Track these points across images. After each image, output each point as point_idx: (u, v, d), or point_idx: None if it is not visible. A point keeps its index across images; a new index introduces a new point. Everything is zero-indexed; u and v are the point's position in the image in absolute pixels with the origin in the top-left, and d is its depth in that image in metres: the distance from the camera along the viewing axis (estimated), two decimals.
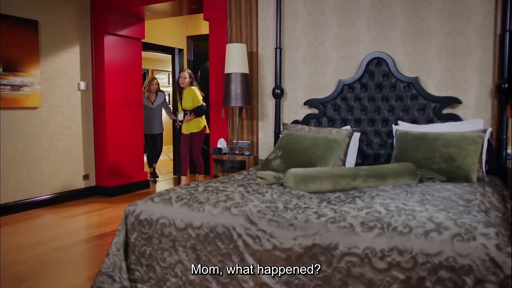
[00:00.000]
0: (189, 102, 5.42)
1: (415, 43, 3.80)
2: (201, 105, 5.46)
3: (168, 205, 2.56)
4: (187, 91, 5.43)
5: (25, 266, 3.19)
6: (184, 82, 5.38)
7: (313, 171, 2.86)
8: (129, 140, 6.01)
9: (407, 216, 2.03)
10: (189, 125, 5.48)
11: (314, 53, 4.22)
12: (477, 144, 3.06)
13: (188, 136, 5.51)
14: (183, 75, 5.40)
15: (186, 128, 5.53)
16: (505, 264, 1.72)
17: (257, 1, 4.45)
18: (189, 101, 5.42)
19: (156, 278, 2.55)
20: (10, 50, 4.72)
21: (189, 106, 5.42)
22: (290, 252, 2.12)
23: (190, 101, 5.42)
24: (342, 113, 4.03)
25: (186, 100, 5.43)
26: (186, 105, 5.43)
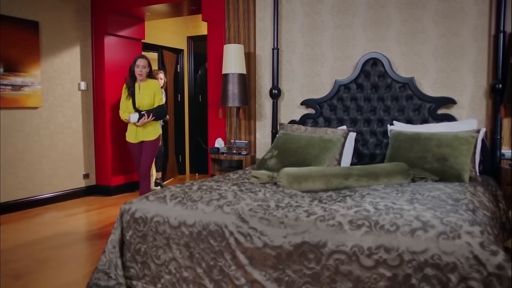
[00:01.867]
0: (147, 99, 4.27)
1: (410, 43, 3.83)
2: (163, 105, 4.41)
3: (163, 203, 2.60)
4: (145, 85, 4.28)
5: (23, 263, 3.24)
6: (143, 72, 4.21)
7: (306, 170, 2.89)
8: None
9: (394, 215, 2.06)
10: (142, 131, 4.30)
11: (311, 53, 4.25)
12: (470, 144, 3.09)
13: (137, 146, 4.35)
14: (141, 62, 4.20)
15: (135, 135, 4.31)
16: (488, 261, 1.75)
17: (254, 2, 4.49)
18: (148, 97, 4.27)
19: (150, 275, 2.59)
20: (11, 50, 4.77)
21: (146, 104, 4.27)
22: (280, 249, 2.16)
23: (149, 97, 4.28)
24: (338, 113, 4.07)
25: (143, 96, 4.26)
26: (143, 102, 4.27)
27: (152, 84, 4.31)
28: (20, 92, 4.90)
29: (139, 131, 4.29)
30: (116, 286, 2.62)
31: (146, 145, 4.32)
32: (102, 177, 5.86)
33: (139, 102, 4.26)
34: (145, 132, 4.30)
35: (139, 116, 4.18)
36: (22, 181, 5.02)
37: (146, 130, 4.30)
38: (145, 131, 4.30)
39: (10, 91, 4.79)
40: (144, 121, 4.21)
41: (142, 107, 4.26)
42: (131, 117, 4.19)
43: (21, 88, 4.90)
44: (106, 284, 2.64)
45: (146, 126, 4.29)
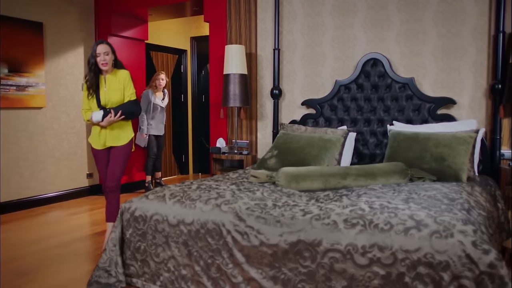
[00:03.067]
0: (116, 94, 3.44)
1: (410, 44, 3.84)
2: (136, 100, 3.56)
3: (162, 202, 2.64)
4: (111, 77, 3.46)
5: (25, 261, 3.29)
6: (107, 60, 3.39)
7: (304, 170, 2.92)
8: None
9: (389, 214, 2.08)
10: (109, 134, 3.47)
11: (312, 54, 4.28)
12: (468, 144, 3.10)
13: (104, 154, 3.54)
14: (103, 49, 3.37)
15: (100, 139, 3.49)
16: (480, 260, 1.77)
17: (256, 3, 4.52)
18: (117, 92, 3.45)
19: (150, 273, 2.63)
20: (16, 51, 4.84)
21: (115, 100, 3.44)
22: (276, 248, 2.19)
23: (118, 92, 3.46)
24: (339, 113, 4.09)
25: (111, 91, 3.44)
26: (111, 98, 3.43)
27: (120, 75, 3.48)
28: (25, 92, 4.96)
29: (105, 134, 3.46)
30: (117, 284, 2.66)
31: (114, 152, 3.49)
32: None
33: (106, 99, 3.43)
34: (112, 136, 3.47)
35: (104, 113, 3.35)
36: (26, 180, 5.08)
37: (113, 133, 3.47)
38: (112, 135, 3.46)
39: (14, 91, 4.85)
40: (110, 120, 3.36)
41: (110, 104, 3.43)
42: (94, 115, 3.37)
43: (25, 89, 4.96)
44: (107, 282, 2.68)
45: (113, 128, 3.46)
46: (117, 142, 3.50)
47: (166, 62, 7.13)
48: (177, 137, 7.39)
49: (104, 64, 3.40)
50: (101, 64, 3.39)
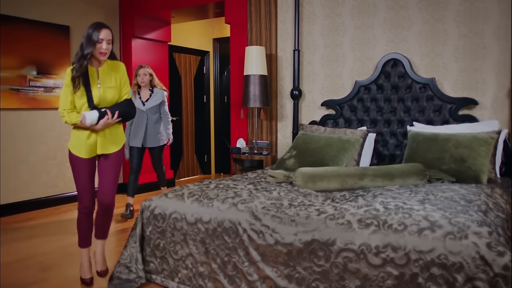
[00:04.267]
0: (112, 91, 2.81)
1: (431, 44, 3.80)
2: (131, 100, 2.94)
3: (181, 200, 2.70)
4: (105, 69, 2.81)
5: (51, 256, 3.41)
6: (109, 50, 2.74)
7: (322, 170, 2.94)
8: None
9: (403, 214, 2.08)
10: (102, 139, 2.82)
11: (331, 54, 4.28)
12: (489, 145, 3.06)
13: (90, 164, 2.85)
14: (108, 34, 2.71)
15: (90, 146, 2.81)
16: (494, 262, 1.76)
17: (276, 4, 4.55)
18: (113, 88, 2.82)
19: (168, 269, 2.69)
20: (44, 54, 5.01)
21: (110, 99, 2.81)
22: (291, 247, 2.22)
23: (114, 89, 2.83)
24: (359, 114, 4.08)
25: (105, 88, 2.78)
26: (106, 96, 2.79)
27: (117, 68, 2.86)
28: (52, 93, 5.13)
29: (95, 140, 2.79)
30: (137, 280, 2.74)
31: (107, 160, 2.86)
32: (127, 176, 6.03)
33: (100, 97, 2.75)
34: (105, 141, 2.81)
35: (99, 114, 2.70)
36: (53, 179, 5.25)
37: (106, 138, 2.82)
38: (104, 140, 2.81)
39: (42, 92, 5.03)
40: (107, 122, 2.74)
41: (104, 104, 2.78)
42: (88, 117, 2.66)
43: (52, 90, 5.13)
44: (127, 277, 2.76)
45: (105, 132, 2.81)
46: (110, 149, 2.84)
47: (188, 64, 7.24)
48: (200, 138, 7.49)
49: (103, 54, 2.71)
50: (100, 53, 2.69)
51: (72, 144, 2.84)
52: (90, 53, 2.66)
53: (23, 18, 4.84)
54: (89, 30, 2.69)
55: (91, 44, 2.66)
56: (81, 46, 2.69)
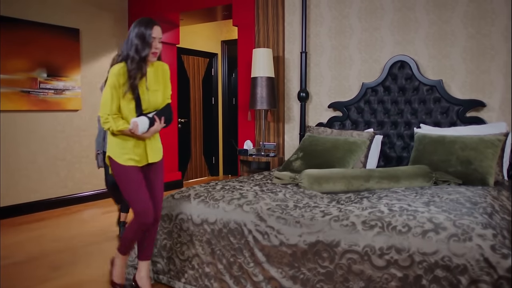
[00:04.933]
0: (158, 95, 2.55)
1: (439, 46, 3.79)
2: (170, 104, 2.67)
3: (187, 201, 2.73)
4: (151, 71, 2.55)
5: (60, 256, 3.46)
6: (159, 49, 2.49)
7: (327, 172, 2.95)
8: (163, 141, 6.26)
9: (407, 216, 2.09)
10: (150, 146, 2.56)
11: (339, 57, 4.29)
12: (496, 148, 3.04)
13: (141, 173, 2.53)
14: (159, 33, 2.48)
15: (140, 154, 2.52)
16: (499, 264, 1.76)
17: (283, 6, 4.57)
18: (158, 92, 2.56)
19: (175, 270, 2.72)
20: (54, 56, 5.08)
21: (157, 103, 2.55)
22: (295, 248, 2.23)
23: (159, 92, 2.57)
24: (365, 116, 4.08)
25: (152, 91, 2.52)
26: (156, 101, 2.54)
27: (162, 69, 2.62)
28: (62, 95, 5.19)
29: (144, 147, 2.53)
30: None
31: (156, 169, 2.61)
32: None
33: (149, 102, 2.50)
34: (153, 149, 2.58)
35: (150, 121, 2.45)
36: (63, 180, 5.31)
37: (153, 145, 2.58)
38: (152, 147, 2.57)
39: (52, 94, 5.10)
40: (157, 128, 2.50)
41: (151, 109, 2.53)
42: (141, 124, 2.40)
43: (62, 92, 5.20)
44: None
45: (150, 139, 2.56)
46: (158, 156, 2.61)
47: (197, 66, 7.28)
48: (208, 139, 7.52)
49: (155, 54, 2.47)
50: (152, 54, 2.45)
51: (117, 154, 2.46)
52: (147, 54, 2.41)
53: (34, 21, 4.92)
54: (139, 28, 2.40)
55: (147, 44, 2.40)
56: (136, 49, 2.39)
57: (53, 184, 5.21)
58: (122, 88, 2.41)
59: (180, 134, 6.84)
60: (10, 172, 4.80)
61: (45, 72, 5.01)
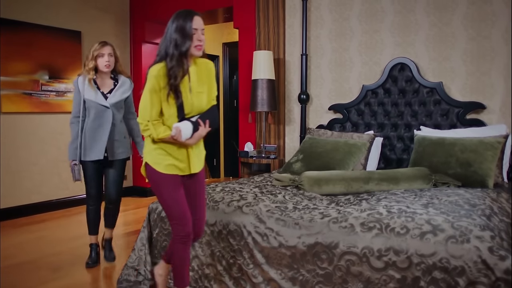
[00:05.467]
0: (202, 97, 2.27)
1: (439, 48, 3.80)
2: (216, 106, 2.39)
3: None
4: (195, 69, 2.26)
5: (60, 257, 3.48)
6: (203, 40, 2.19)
7: (327, 174, 2.95)
8: None
9: (406, 218, 2.09)
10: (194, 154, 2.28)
11: (339, 59, 4.30)
12: (495, 150, 3.05)
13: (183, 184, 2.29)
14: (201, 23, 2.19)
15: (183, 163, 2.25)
16: (496, 266, 1.76)
17: (284, 9, 4.58)
18: (203, 93, 2.27)
19: None
20: (56, 58, 5.11)
21: (201, 105, 2.26)
22: (294, 249, 2.24)
23: (204, 94, 2.28)
24: (366, 118, 4.09)
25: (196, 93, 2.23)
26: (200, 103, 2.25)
27: (206, 67, 2.32)
28: (63, 97, 5.22)
29: (186, 155, 2.25)
30: (146, 282, 2.77)
31: (197, 180, 2.33)
32: (137, 178, 6.11)
33: (192, 105, 2.22)
34: (196, 157, 2.30)
35: (193, 126, 2.19)
36: (64, 181, 5.33)
37: (196, 153, 2.30)
38: (196, 155, 2.30)
39: (54, 96, 5.12)
40: (201, 133, 2.23)
41: (194, 112, 2.24)
42: (184, 129, 2.15)
43: (64, 94, 5.22)
44: (136, 280, 2.80)
45: (192, 147, 2.26)
46: (200, 165, 2.32)
47: None
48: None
49: (199, 48, 2.18)
50: (195, 47, 2.16)
51: (156, 161, 2.22)
52: (188, 48, 2.13)
53: (36, 23, 4.94)
54: (178, 21, 2.14)
55: (187, 37, 2.11)
56: (175, 44, 2.12)
57: (54, 186, 5.23)
58: (163, 91, 2.14)
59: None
60: (11, 173, 4.82)
61: (47, 74, 5.03)
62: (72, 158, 3.24)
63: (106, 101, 3.19)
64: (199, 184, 2.34)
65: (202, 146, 2.37)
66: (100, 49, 3.15)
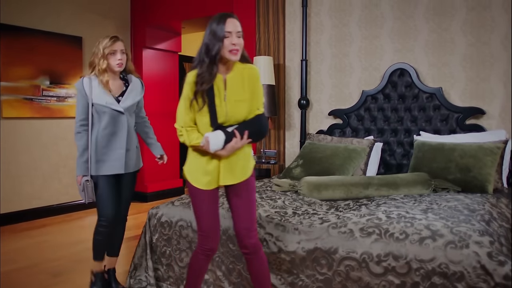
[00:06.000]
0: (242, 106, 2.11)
1: (438, 53, 3.81)
2: (264, 114, 2.22)
3: (187, 208, 2.74)
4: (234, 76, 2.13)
5: (61, 262, 3.48)
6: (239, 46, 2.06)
7: (327, 179, 2.96)
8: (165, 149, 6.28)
9: (405, 223, 2.10)
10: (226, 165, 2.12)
11: (339, 64, 4.32)
12: (495, 155, 3.05)
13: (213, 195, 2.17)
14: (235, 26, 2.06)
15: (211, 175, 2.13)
16: (495, 272, 1.76)
17: (284, 15, 4.61)
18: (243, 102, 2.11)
19: (174, 277, 2.73)
20: (57, 64, 5.13)
21: (240, 115, 2.12)
22: (294, 255, 2.24)
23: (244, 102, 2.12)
24: (366, 123, 4.10)
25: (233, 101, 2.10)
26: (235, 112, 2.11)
27: (249, 74, 2.15)
28: (64, 103, 5.24)
29: (217, 167, 2.12)
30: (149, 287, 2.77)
31: (238, 191, 2.17)
32: (138, 184, 6.11)
33: (227, 114, 2.10)
34: (230, 169, 2.13)
35: (226, 136, 2.06)
36: (65, 186, 5.34)
37: (231, 164, 2.13)
38: (230, 167, 2.13)
39: (55, 102, 5.14)
40: (236, 145, 2.07)
41: (232, 121, 2.12)
42: (212, 141, 2.04)
43: (65, 99, 5.24)
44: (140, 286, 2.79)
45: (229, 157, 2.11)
46: (237, 177, 2.14)
47: None
48: None
49: (234, 52, 2.03)
50: (230, 52, 2.02)
51: (188, 170, 2.19)
52: (218, 52, 2.01)
53: (37, 29, 4.97)
54: (211, 25, 2.04)
55: (219, 40, 2.00)
56: (206, 48, 2.03)
57: (55, 191, 5.23)
58: (187, 99, 2.09)
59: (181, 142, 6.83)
60: (12, 178, 4.83)
61: (48, 80, 5.05)
62: (83, 173, 2.73)
63: (119, 105, 2.74)
64: (238, 194, 2.16)
65: (243, 157, 2.16)
66: (111, 46, 2.69)
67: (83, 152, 2.75)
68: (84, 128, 2.77)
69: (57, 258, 3.58)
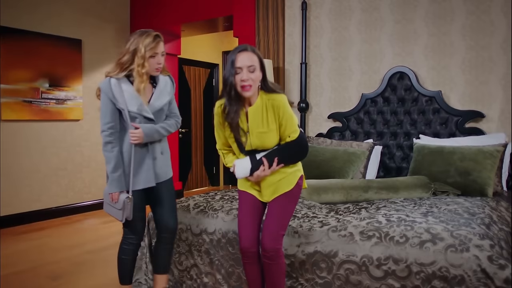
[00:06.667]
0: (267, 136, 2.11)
1: (438, 57, 3.82)
2: (300, 137, 2.16)
3: (186, 211, 2.74)
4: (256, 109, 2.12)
5: (60, 265, 3.47)
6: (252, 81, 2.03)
7: (326, 182, 2.95)
8: None
9: (405, 227, 2.09)
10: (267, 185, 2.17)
11: (338, 68, 4.32)
12: (494, 158, 3.05)
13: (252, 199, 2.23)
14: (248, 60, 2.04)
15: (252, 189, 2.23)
16: (496, 275, 1.76)
17: (283, 18, 4.61)
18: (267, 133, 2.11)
19: (173, 280, 2.72)
20: (56, 66, 5.13)
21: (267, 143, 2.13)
22: (293, 258, 2.23)
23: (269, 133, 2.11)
24: (365, 126, 4.10)
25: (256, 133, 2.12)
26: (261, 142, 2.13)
27: (274, 103, 2.09)
28: (64, 105, 5.24)
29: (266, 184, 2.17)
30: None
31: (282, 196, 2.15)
32: None
33: (251, 144, 2.14)
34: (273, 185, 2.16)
35: (253, 165, 2.12)
36: (64, 189, 5.33)
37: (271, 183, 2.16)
38: (270, 185, 2.16)
39: (54, 104, 5.14)
40: (262, 174, 2.10)
41: (262, 148, 2.14)
42: (238, 169, 2.14)
43: (64, 102, 5.24)
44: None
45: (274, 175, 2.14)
46: (279, 192, 2.15)
47: (198, 76, 7.33)
48: (208, 149, 7.54)
49: (246, 88, 2.03)
50: (241, 87, 2.03)
51: (240, 182, 2.28)
52: (231, 87, 2.03)
53: (37, 32, 4.97)
54: (228, 58, 2.06)
55: (230, 74, 2.02)
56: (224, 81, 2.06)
57: (54, 194, 5.22)
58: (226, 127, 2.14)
59: (181, 144, 6.86)
60: (11, 181, 4.82)
61: (47, 82, 5.05)
62: (120, 189, 2.36)
63: (149, 111, 2.42)
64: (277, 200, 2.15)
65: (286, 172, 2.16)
66: (155, 48, 2.35)
67: (116, 165, 2.36)
68: (114, 137, 2.39)
69: (57, 261, 3.56)
